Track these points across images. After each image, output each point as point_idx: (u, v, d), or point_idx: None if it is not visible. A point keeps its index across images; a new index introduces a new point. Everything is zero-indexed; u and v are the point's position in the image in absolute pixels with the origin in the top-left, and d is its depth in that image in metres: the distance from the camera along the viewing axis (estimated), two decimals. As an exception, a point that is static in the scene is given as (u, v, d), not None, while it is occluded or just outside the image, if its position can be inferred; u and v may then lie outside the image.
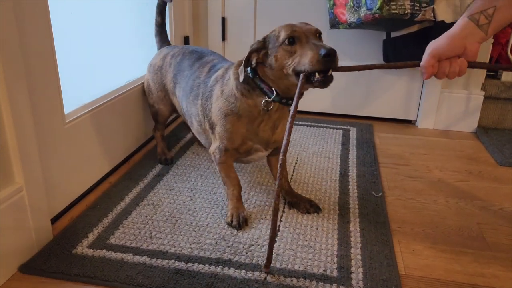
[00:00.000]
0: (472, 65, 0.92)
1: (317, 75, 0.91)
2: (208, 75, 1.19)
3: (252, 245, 1.06)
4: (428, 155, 1.65)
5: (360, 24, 1.58)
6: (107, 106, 1.36)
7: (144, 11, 1.64)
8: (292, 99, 1.03)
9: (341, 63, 0.93)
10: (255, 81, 1.04)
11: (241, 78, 1.02)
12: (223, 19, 1.96)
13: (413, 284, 0.97)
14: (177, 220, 1.15)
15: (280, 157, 0.89)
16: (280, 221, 1.17)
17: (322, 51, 0.89)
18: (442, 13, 1.56)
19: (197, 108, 1.19)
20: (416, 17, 1.50)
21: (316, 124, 1.90)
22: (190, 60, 1.31)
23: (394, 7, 1.47)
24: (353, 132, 1.82)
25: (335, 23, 1.71)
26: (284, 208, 1.23)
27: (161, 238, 1.08)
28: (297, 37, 0.95)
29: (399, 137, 1.82)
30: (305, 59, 0.92)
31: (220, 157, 1.14)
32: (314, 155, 1.58)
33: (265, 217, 1.19)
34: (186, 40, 1.89)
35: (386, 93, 1.94)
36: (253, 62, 1.01)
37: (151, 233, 1.10)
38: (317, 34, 0.98)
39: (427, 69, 0.92)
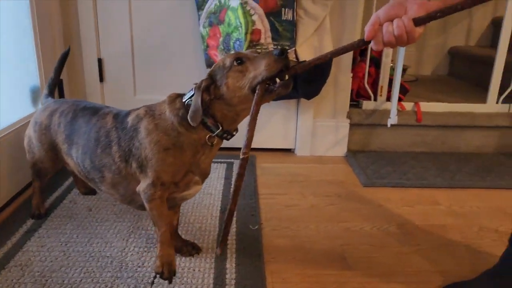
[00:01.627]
0: (419, 21, 0.85)
1: (277, 81, 0.93)
2: (117, 121, 1.13)
3: (128, 296, 1.06)
4: (304, 182, 1.79)
5: (232, 65, 1.68)
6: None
7: (16, 53, 1.57)
8: (234, 132, 1.06)
9: None
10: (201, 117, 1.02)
11: (197, 122, 0.99)
12: (100, 60, 1.94)
13: (281, 313, 1.05)
14: (47, 280, 1.10)
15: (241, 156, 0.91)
16: (158, 266, 1.19)
17: (276, 52, 0.91)
18: (304, 54, 1.72)
19: (112, 156, 1.11)
20: (280, 58, 1.65)
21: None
22: (84, 118, 1.20)
23: (259, 50, 1.60)
24: (236, 165, 1.90)
25: (210, 63, 1.79)
26: (163, 252, 1.25)
27: (27, 303, 1.02)
28: (243, 56, 0.97)
29: (279, 166, 1.95)
30: (260, 68, 0.93)
31: (155, 192, 1.05)
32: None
33: (142, 264, 1.19)
34: (60, 85, 1.83)
35: (267, 124, 2.07)
36: (206, 100, 0.99)
37: (16, 298, 1.04)
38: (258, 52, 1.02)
39: (369, 31, 0.87)
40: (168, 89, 1.98)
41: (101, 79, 1.97)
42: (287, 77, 0.93)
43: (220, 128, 1.02)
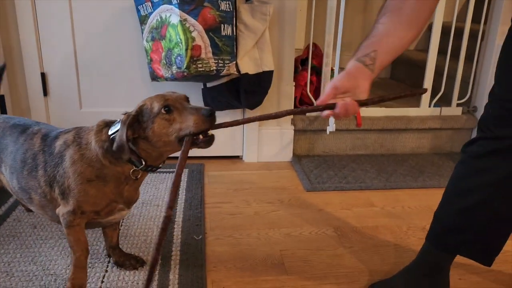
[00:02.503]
0: (363, 103, 0.97)
1: (201, 136, 0.98)
2: (45, 144, 1.13)
3: (70, 314, 1.10)
4: (249, 190, 1.87)
5: (174, 79, 1.73)
6: None
7: None
8: (160, 165, 1.09)
9: None
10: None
11: (126, 156, 1.02)
12: (43, 74, 1.93)
13: (219, 320, 1.12)
14: (-12, 303, 1.12)
15: (165, 214, 0.88)
16: (102, 281, 1.23)
17: (205, 112, 0.96)
18: (245, 67, 1.79)
19: (38, 180, 1.12)
20: (222, 72, 1.71)
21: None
22: (12, 136, 1.19)
23: (200, 65, 1.65)
24: (184, 175, 1.95)
25: (154, 77, 1.83)
26: (107, 267, 1.29)
27: (-32, 327, 1.04)
28: (172, 105, 0.99)
29: (226, 174, 2.01)
30: (189, 123, 0.97)
31: (74, 219, 1.09)
32: (143, 205, 1.67)
33: (88, 280, 1.22)
34: (1, 100, 1.81)
35: (214, 132, 2.12)
36: (129, 137, 1.01)
37: (-44, 323, 1.05)
38: (187, 99, 1.05)
39: (325, 98, 0.95)
40: (114, 101, 2.02)
41: (45, 93, 1.96)
42: (210, 133, 1.00)
43: (144, 163, 1.06)
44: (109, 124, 1.09)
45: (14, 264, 1.28)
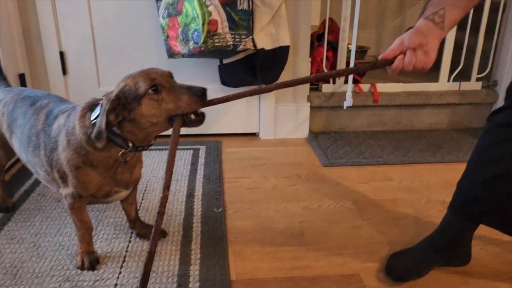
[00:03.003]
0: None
1: (192, 116, 0.97)
2: (47, 123, 1.13)
3: (97, 281, 1.13)
4: (266, 165, 1.88)
5: (192, 55, 1.73)
6: None
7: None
8: (147, 146, 1.06)
9: None
10: (109, 136, 1.01)
11: (102, 144, 0.98)
12: (62, 53, 1.95)
13: (242, 287, 1.14)
14: (18, 270, 1.16)
15: (162, 194, 0.90)
16: (126, 251, 1.26)
17: (197, 92, 0.93)
18: (261, 42, 1.78)
19: (41, 158, 1.13)
20: (238, 47, 1.71)
21: (166, 147, 2.00)
22: (22, 108, 1.21)
23: (217, 40, 1.65)
24: (202, 151, 1.97)
25: (171, 54, 1.84)
26: (130, 238, 1.32)
27: (0, 292, 1.08)
28: (159, 84, 0.95)
29: (243, 151, 2.03)
30: (180, 103, 0.94)
31: (74, 203, 1.11)
32: (161, 180, 1.69)
33: (111, 251, 1.26)
34: (22, 78, 1.84)
35: (231, 110, 2.14)
36: (114, 122, 0.98)
37: (-11, 289, 1.09)
38: (171, 75, 1.01)
39: (391, 52, 0.96)
40: (131, 79, 2.03)
41: (64, 72, 1.99)
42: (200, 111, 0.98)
43: (132, 145, 1.03)
44: (92, 107, 1.06)
45: (41, 235, 1.32)
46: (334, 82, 2.19)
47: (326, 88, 2.19)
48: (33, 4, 1.87)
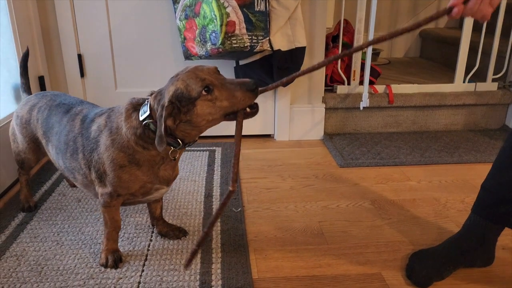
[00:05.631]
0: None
1: (247, 109, 0.98)
2: (83, 127, 1.15)
3: (121, 278, 1.14)
4: (283, 166, 1.88)
5: (209, 56, 1.75)
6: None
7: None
8: (194, 142, 1.07)
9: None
10: None
11: (163, 148, 0.98)
12: (80, 56, 1.98)
13: (264, 285, 1.14)
14: (43, 268, 1.17)
15: (230, 189, 0.91)
16: (148, 249, 1.26)
17: (250, 87, 0.95)
18: (278, 43, 1.79)
19: (79, 162, 1.15)
20: (255, 48, 1.72)
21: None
22: (57, 116, 1.23)
23: (234, 41, 1.66)
24: (218, 152, 1.98)
25: (188, 55, 1.85)
26: (151, 237, 1.33)
27: (26, 289, 1.09)
28: (210, 83, 0.96)
29: (259, 152, 2.03)
30: (235, 100, 0.95)
31: (111, 201, 1.13)
32: (181, 180, 1.70)
33: (133, 249, 1.26)
34: (41, 80, 1.87)
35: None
36: (172, 126, 1.00)
37: (15, 286, 1.10)
38: (218, 71, 1.01)
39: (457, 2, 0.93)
40: (148, 81, 2.05)
41: (82, 74, 2.01)
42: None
43: (181, 143, 1.04)
44: (136, 107, 1.07)
45: (63, 234, 1.33)
46: (349, 84, 2.19)
47: (341, 89, 2.19)
48: (52, 6, 1.90)
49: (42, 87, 1.87)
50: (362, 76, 2.19)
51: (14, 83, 1.73)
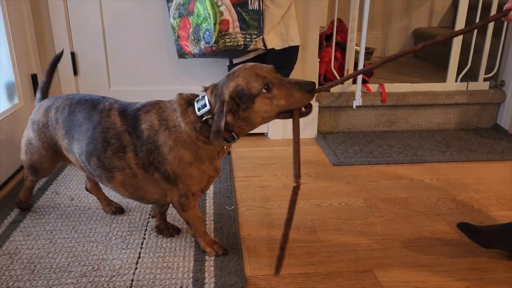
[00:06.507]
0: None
1: (303, 108, 1.01)
2: (127, 123, 1.11)
3: (114, 276, 1.14)
4: (277, 164, 1.89)
5: (202, 55, 1.75)
6: None
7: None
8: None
9: (190, 88, 1.02)
10: None
11: (218, 142, 1.01)
12: (73, 54, 1.97)
13: (257, 282, 1.15)
14: (36, 266, 1.17)
15: (294, 185, 0.99)
16: (141, 247, 1.27)
17: (308, 87, 0.99)
18: (271, 42, 1.80)
19: (127, 161, 1.11)
20: (249, 47, 1.72)
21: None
22: (83, 112, 1.16)
23: (228, 40, 1.67)
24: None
25: (182, 54, 1.85)
26: (145, 234, 1.33)
27: (19, 287, 1.09)
28: (269, 82, 0.99)
29: (253, 151, 2.04)
30: (293, 99, 0.99)
31: (190, 203, 1.15)
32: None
33: (126, 247, 1.27)
34: (34, 79, 1.86)
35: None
36: (232, 122, 1.01)
37: (7, 284, 1.10)
38: (274, 70, 1.04)
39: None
40: (142, 80, 2.05)
41: (75, 72, 2.01)
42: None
43: (236, 137, 1.08)
44: (189, 101, 1.08)
45: (56, 232, 1.33)
46: (342, 83, 2.20)
47: (335, 88, 2.20)
48: (45, 5, 1.89)
49: (35, 85, 1.86)
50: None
51: (7, 81, 1.72)
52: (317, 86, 1.03)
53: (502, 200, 1.59)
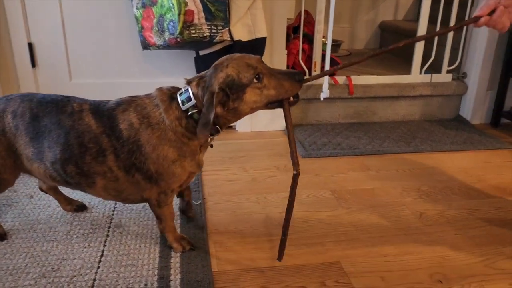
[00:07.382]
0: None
1: (291, 98, 1.03)
2: (103, 125, 1.04)
3: (75, 276, 1.10)
4: (245, 157, 1.87)
5: (167, 47, 1.71)
6: None
7: None
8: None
9: (159, 80, 1.00)
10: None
11: (206, 136, 1.00)
12: (30, 45, 1.88)
13: (224, 277, 1.13)
14: (-10, 268, 1.11)
15: (294, 172, 1.06)
16: (104, 245, 1.23)
17: (297, 77, 1.00)
18: (238, 33, 1.77)
19: (108, 165, 1.05)
20: (215, 38, 1.69)
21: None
22: (50, 117, 1.06)
23: (193, 31, 1.63)
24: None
25: (146, 45, 1.80)
26: (108, 232, 1.29)
27: (-28, 291, 1.03)
28: (260, 72, 0.99)
29: (221, 143, 2.01)
30: (282, 89, 1.00)
31: (167, 199, 1.13)
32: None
33: (88, 245, 1.22)
34: (-12, 71, 1.77)
35: (208, 103, 2.11)
36: (221, 114, 1.00)
37: (-41, 288, 1.04)
38: (262, 60, 1.04)
39: (486, 9, 1.02)
40: (105, 72, 1.98)
41: (33, 64, 1.92)
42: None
43: (220, 130, 1.06)
44: (171, 95, 1.04)
45: (14, 231, 1.27)
46: (310, 75, 2.21)
47: (303, 80, 2.20)
48: (-1, -7, 1.80)
49: (-10, 77, 1.78)
50: (323, 67, 2.20)
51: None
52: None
53: (464, 189, 1.63)
